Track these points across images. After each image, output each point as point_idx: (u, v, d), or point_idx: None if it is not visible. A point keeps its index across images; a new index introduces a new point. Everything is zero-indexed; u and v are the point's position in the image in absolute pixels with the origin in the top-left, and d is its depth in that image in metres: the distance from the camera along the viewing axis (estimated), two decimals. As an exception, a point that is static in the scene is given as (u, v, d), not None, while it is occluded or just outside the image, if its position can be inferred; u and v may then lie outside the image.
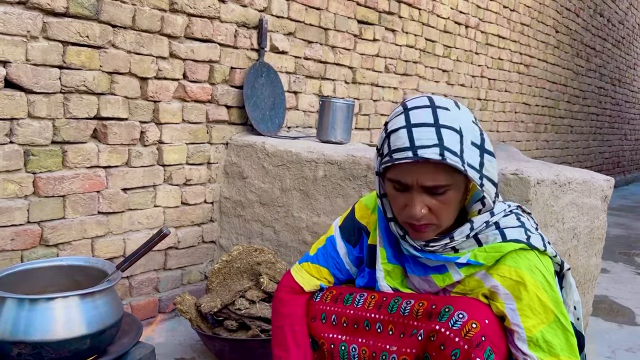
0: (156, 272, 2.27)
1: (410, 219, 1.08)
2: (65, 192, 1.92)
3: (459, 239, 1.10)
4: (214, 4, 2.29)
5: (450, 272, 1.13)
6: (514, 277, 1.08)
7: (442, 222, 1.09)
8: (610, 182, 2.17)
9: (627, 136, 8.70)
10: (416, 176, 1.04)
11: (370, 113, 3.32)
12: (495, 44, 4.46)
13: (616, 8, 7.19)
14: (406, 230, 1.13)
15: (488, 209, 1.12)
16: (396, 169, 1.06)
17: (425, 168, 1.02)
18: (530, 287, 1.06)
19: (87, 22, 1.90)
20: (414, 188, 1.05)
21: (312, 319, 1.22)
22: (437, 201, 1.06)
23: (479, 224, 1.11)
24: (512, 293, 1.07)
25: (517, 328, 1.06)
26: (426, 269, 1.16)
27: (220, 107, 2.40)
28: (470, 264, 1.10)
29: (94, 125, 1.98)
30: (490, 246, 1.10)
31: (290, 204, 2.27)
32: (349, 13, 3.00)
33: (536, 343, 1.05)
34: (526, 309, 1.06)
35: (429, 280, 1.16)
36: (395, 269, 1.22)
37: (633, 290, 3.24)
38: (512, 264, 1.09)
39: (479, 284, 1.12)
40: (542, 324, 1.06)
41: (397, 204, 1.10)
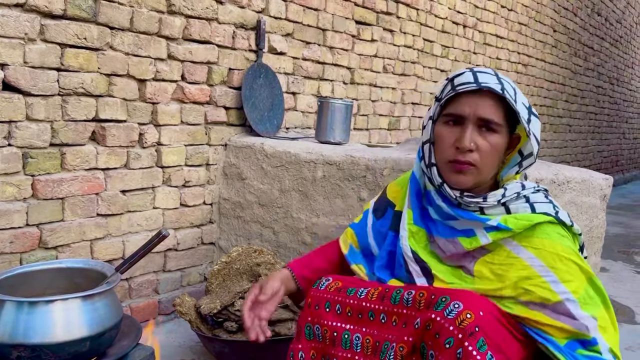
0: (155, 273, 2.27)
1: (458, 151, 1.14)
2: (64, 194, 1.92)
3: (491, 202, 1.15)
4: (211, 5, 2.30)
5: (478, 236, 1.16)
6: (548, 248, 1.12)
7: (482, 167, 1.15)
8: (609, 181, 2.17)
9: (626, 135, 8.71)
10: (475, 107, 1.13)
11: (369, 113, 3.32)
12: (493, 44, 4.47)
13: (613, 7, 7.20)
14: (444, 180, 1.18)
15: (530, 163, 1.19)
16: (456, 102, 1.15)
17: (484, 101, 1.12)
18: (564, 254, 1.11)
19: (85, 24, 1.90)
20: (470, 119, 1.13)
21: (316, 306, 1.23)
22: (485, 141, 1.13)
23: (512, 193, 1.17)
24: (548, 265, 1.11)
25: (566, 295, 1.10)
26: (453, 232, 1.19)
27: (218, 108, 2.40)
28: (500, 227, 1.14)
29: (92, 128, 1.98)
30: (521, 215, 1.15)
31: (289, 205, 2.27)
32: (347, 14, 3.00)
33: (584, 301, 1.09)
34: (566, 275, 1.10)
35: (455, 242, 1.19)
36: (419, 232, 1.25)
37: (632, 289, 3.25)
38: (544, 237, 1.13)
39: (508, 255, 1.15)
40: (583, 284, 1.11)
41: (447, 142, 1.16)
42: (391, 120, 3.50)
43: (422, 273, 1.24)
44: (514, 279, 1.13)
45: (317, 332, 1.21)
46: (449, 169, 1.17)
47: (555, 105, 5.85)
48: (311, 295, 1.25)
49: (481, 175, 1.17)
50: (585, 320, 1.08)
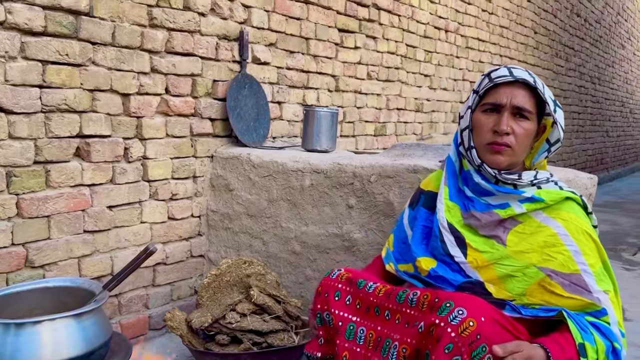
0: (145, 288, 2.25)
1: (497, 134, 1.28)
2: (50, 212, 1.90)
3: (525, 179, 1.29)
4: (193, 18, 2.29)
5: (513, 207, 1.28)
6: (574, 221, 1.25)
7: (517, 148, 1.29)
8: (593, 180, 2.19)
9: (609, 133, 8.82)
10: (510, 96, 1.28)
11: (355, 120, 3.33)
12: (476, 47, 4.51)
13: (592, 8, 7.31)
14: (482, 162, 1.30)
15: (557, 147, 1.33)
16: (493, 92, 1.30)
17: (519, 91, 1.29)
18: (588, 231, 1.25)
19: (67, 41, 1.89)
20: (506, 107, 1.28)
21: (326, 294, 1.32)
22: (519, 126, 1.28)
23: (542, 176, 1.31)
24: (572, 235, 1.23)
25: (583, 266, 1.20)
26: (489, 207, 1.31)
27: (204, 120, 2.39)
28: (534, 199, 1.26)
29: (76, 144, 1.97)
30: (552, 190, 1.29)
31: (278, 215, 2.27)
32: (330, 22, 3.02)
33: (599, 277, 1.20)
34: (586, 249, 1.22)
35: (491, 213, 1.30)
36: (455, 207, 1.36)
37: (621, 286, 3.25)
38: (570, 211, 1.27)
39: (538, 226, 1.26)
40: (599, 262, 1.23)
41: (485, 128, 1.30)
42: (377, 126, 3.51)
43: (457, 243, 1.33)
44: (541, 243, 1.25)
45: (327, 319, 1.30)
46: (487, 151, 1.31)
47: (539, 106, 5.90)
48: (322, 284, 1.34)
49: (515, 157, 1.30)
50: (598, 294, 1.19)
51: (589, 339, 1.14)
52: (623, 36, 8.98)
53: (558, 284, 1.21)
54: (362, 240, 2.07)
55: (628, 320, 2.72)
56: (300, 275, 2.22)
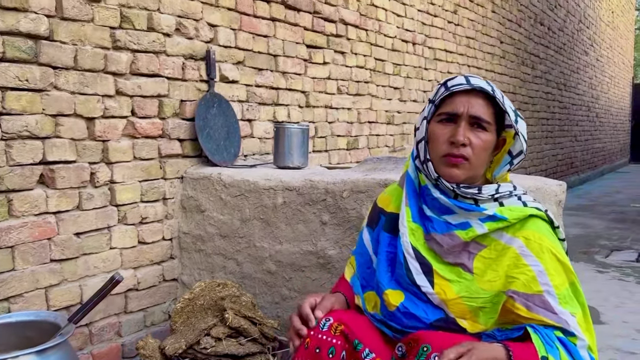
0: (117, 316, 2.19)
1: (453, 145, 1.20)
2: (14, 242, 1.84)
3: (486, 194, 1.22)
4: (158, 39, 2.27)
5: (474, 227, 1.21)
6: (537, 240, 1.17)
7: (474, 160, 1.21)
8: (562, 187, 2.22)
9: (577, 137, 9.01)
10: (467, 105, 1.21)
11: (327, 135, 3.33)
12: (444, 59, 4.57)
13: (555, 16, 7.50)
14: (439, 176, 1.23)
15: (521, 159, 1.26)
16: (449, 102, 1.24)
17: (476, 100, 1.22)
18: (553, 250, 1.17)
19: (26, 66, 1.85)
20: (463, 117, 1.21)
21: (317, 349, 1.21)
22: (477, 138, 1.21)
23: (505, 190, 1.24)
24: (535, 255, 1.16)
25: (547, 287, 1.14)
26: (449, 226, 1.23)
27: (172, 141, 2.36)
28: (496, 217, 1.19)
29: (40, 171, 1.91)
30: (514, 207, 1.21)
31: (251, 234, 2.24)
32: (297, 38, 3.02)
33: (564, 300, 1.13)
34: (551, 270, 1.15)
35: (452, 235, 1.22)
36: (418, 230, 1.28)
37: (595, 289, 3.32)
38: (535, 229, 1.19)
39: (503, 248, 1.19)
40: (565, 284, 1.15)
41: (441, 139, 1.23)
42: (349, 140, 3.52)
43: (422, 270, 1.25)
44: (505, 268, 1.18)
45: None
46: (443, 163, 1.23)
47: (508, 114, 6.00)
48: (312, 337, 1.23)
49: (472, 170, 1.23)
50: (564, 315, 1.12)
51: (554, 354, 1.09)
52: (586, 43, 9.22)
53: (521, 305, 1.15)
54: (337, 256, 2.05)
55: (603, 324, 2.75)
56: (276, 295, 2.19)
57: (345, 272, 1.47)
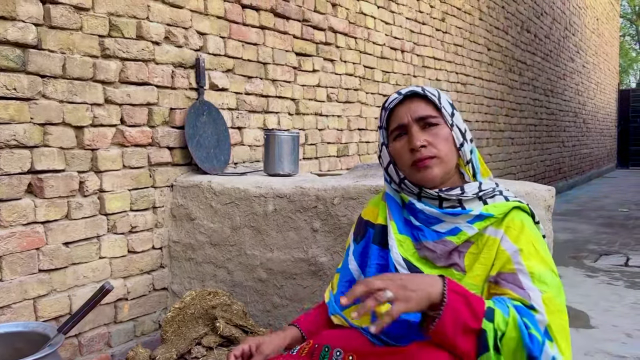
0: (107, 326, 2.17)
1: (414, 153, 1.21)
2: (1, 252, 1.82)
3: (469, 192, 1.22)
4: (147, 47, 2.26)
5: (464, 230, 1.22)
6: (517, 227, 1.19)
7: (442, 154, 1.22)
8: (551, 192, 2.24)
9: (565, 143, 9.10)
10: (408, 112, 1.24)
11: (317, 142, 3.33)
12: (432, 66, 4.60)
13: (541, 24, 7.59)
14: (420, 188, 1.23)
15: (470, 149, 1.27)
16: (393, 118, 1.26)
17: (414, 104, 1.24)
18: (530, 237, 1.18)
19: (14, 74, 1.84)
20: (410, 124, 1.23)
21: None
22: (432, 135, 1.22)
23: (487, 187, 1.25)
24: (513, 240, 1.18)
25: (520, 266, 1.14)
26: (440, 234, 1.24)
27: (162, 149, 2.35)
28: (483, 215, 1.21)
29: (28, 180, 1.90)
30: (499, 203, 1.23)
31: (242, 242, 2.23)
32: (286, 46, 3.03)
33: (538, 279, 1.12)
34: (526, 252, 1.16)
35: (444, 241, 1.23)
36: (406, 240, 1.28)
37: (585, 293, 3.34)
38: (516, 217, 1.21)
39: (487, 240, 1.20)
40: (542, 269, 1.14)
41: (402, 152, 1.24)
42: (339, 147, 3.53)
43: None
44: (489, 259, 1.19)
45: None
46: (415, 171, 1.24)
47: (497, 120, 6.05)
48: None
49: (445, 164, 1.23)
50: (530, 291, 1.11)
51: (503, 309, 1.07)
52: (572, 50, 9.34)
53: (492, 283, 1.16)
54: (329, 263, 2.05)
55: (593, 328, 2.77)
56: (268, 303, 2.18)
57: (325, 295, 1.43)
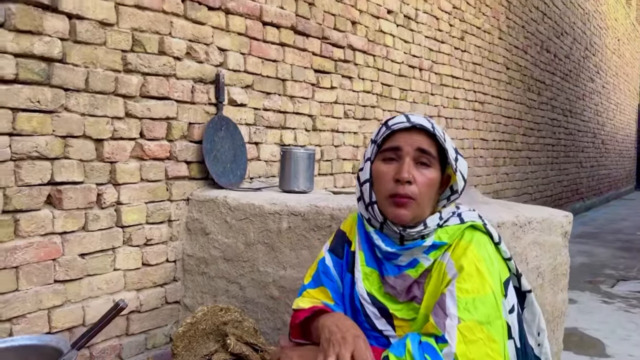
0: (118, 338, 2.18)
1: (399, 183, 1.18)
2: (19, 262, 1.84)
3: (432, 225, 1.20)
4: (169, 62, 2.30)
5: (421, 262, 1.21)
6: (462, 247, 1.18)
7: (421, 199, 1.19)
8: (569, 218, 2.22)
9: (583, 164, 9.00)
10: (411, 140, 1.20)
11: (333, 158, 3.34)
12: (450, 84, 4.60)
13: (561, 44, 7.55)
14: (386, 217, 1.21)
15: (456, 197, 1.25)
16: (392, 140, 1.22)
17: (419, 136, 1.20)
18: (472, 256, 1.16)
19: (38, 87, 1.87)
20: (407, 153, 1.19)
21: None
22: (421, 174, 1.19)
23: (447, 214, 1.23)
24: (455, 260, 1.16)
25: (451, 288, 1.13)
26: (400, 268, 1.23)
27: (179, 163, 2.37)
28: (436, 245, 1.20)
29: (47, 191, 1.92)
30: (450, 227, 1.22)
31: (255, 259, 2.23)
32: (305, 63, 3.05)
33: (465, 307, 1.11)
34: (465, 275, 1.14)
35: (403, 276, 1.22)
36: (372, 274, 1.26)
37: (601, 320, 3.28)
38: (465, 237, 1.20)
39: (442, 266, 1.19)
40: (477, 294, 1.12)
41: (386, 177, 1.20)
42: (355, 163, 3.53)
43: (381, 314, 1.25)
44: (439, 285, 1.17)
45: None
46: (389, 204, 1.20)
47: (514, 140, 6.02)
48: None
49: (419, 209, 1.20)
50: (448, 319, 1.10)
51: (398, 351, 1.08)
52: (592, 70, 9.27)
53: (431, 314, 1.14)
54: (341, 283, 2.04)
55: (609, 357, 2.71)
56: (279, 321, 2.17)
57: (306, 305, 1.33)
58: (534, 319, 1.32)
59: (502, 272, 1.22)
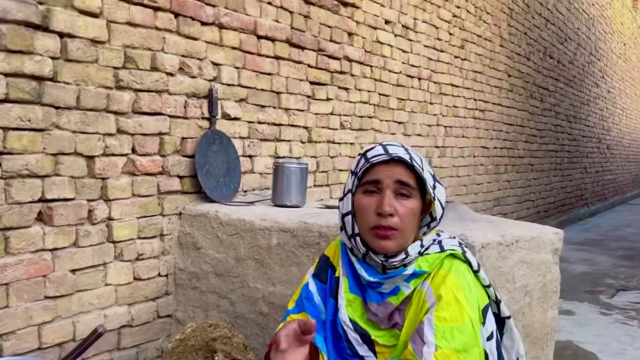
0: (109, 352, 2.20)
1: (380, 217, 1.20)
2: (8, 280, 1.86)
3: (413, 254, 1.22)
4: (161, 78, 2.31)
5: (402, 289, 1.24)
6: (441, 275, 1.20)
7: (404, 229, 1.22)
8: (559, 235, 2.21)
9: (587, 169, 8.95)
10: (390, 173, 1.22)
11: (328, 170, 3.35)
12: (449, 93, 4.59)
13: (565, 49, 7.52)
14: (368, 247, 1.23)
15: (435, 225, 1.28)
16: (372, 172, 1.24)
17: (398, 168, 1.22)
18: (450, 285, 1.18)
19: (29, 106, 1.89)
20: (387, 185, 1.21)
21: None
22: (402, 205, 1.21)
23: (428, 242, 1.26)
24: (434, 289, 1.19)
25: (430, 316, 1.15)
26: (382, 295, 1.25)
27: (172, 178, 2.39)
28: (417, 273, 1.22)
29: (38, 208, 1.95)
30: (431, 255, 1.24)
31: (245, 274, 2.25)
32: (301, 76, 3.06)
33: (442, 335, 1.13)
34: (444, 303, 1.16)
35: (385, 304, 1.24)
36: (356, 300, 1.29)
37: (597, 333, 3.27)
38: (445, 265, 1.22)
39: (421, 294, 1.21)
40: (455, 322, 1.14)
41: (368, 211, 1.22)
42: (351, 174, 3.53)
43: (363, 341, 1.27)
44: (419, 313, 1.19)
45: None
46: (372, 236, 1.23)
47: (516, 147, 6.00)
48: None
49: (403, 239, 1.23)
50: (427, 346, 1.12)
51: None
52: (597, 75, 9.22)
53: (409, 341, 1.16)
54: (329, 300, 2.05)
55: (602, 372, 2.71)
56: (268, 337, 2.18)
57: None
58: (512, 345, 1.34)
59: (481, 299, 1.24)
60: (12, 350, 1.88)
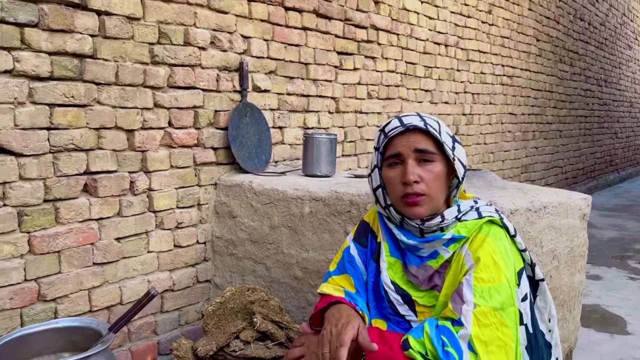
0: (154, 315, 2.33)
1: (406, 186, 1.26)
2: (60, 247, 1.99)
3: (450, 218, 1.28)
4: (194, 53, 2.38)
5: (441, 253, 1.29)
6: (479, 239, 1.26)
7: (432, 193, 1.27)
8: (587, 200, 2.24)
9: (618, 134, 8.78)
10: (408, 143, 1.27)
11: (356, 139, 3.39)
12: (477, 59, 4.55)
13: (596, 11, 7.30)
14: (403, 215, 1.29)
15: (458, 184, 1.32)
16: (391, 145, 1.30)
17: (415, 136, 1.27)
18: (488, 248, 1.23)
19: (72, 83, 1.98)
20: (408, 155, 1.27)
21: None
22: (426, 171, 1.26)
23: (465, 207, 1.30)
24: (473, 252, 1.24)
25: (468, 277, 1.21)
26: (422, 259, 1.32)
27: (207, 149, 2.47)
28: (455, 238, 1.27)
29: (84, 181, 2.05)
30: (469, 221, 1.29)
31: (279, 241, 2.34)
32: (328, 46, 3.09)
33: (481, 294, 1.19)
34: (482, 265, 1.21)
35: (425, 266, 1.31)
36: (396, 263, 1.36)
37: (625, 297, 3.30)
38: (483, 230, 1.27)
39: (460, 257, 1.27)
40: (493, 283, 1.20)
41: (394, 182, 1.29)
42: (379, 143, 3.57)
43: (403, 301, 1.35)
44: (458, 275, 1.25)
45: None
46: (403, 204, 1.29)
47: (544, 113, 5.92)
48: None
49: (433, 202, 1.29)
50: (465, 305, 1.18)
51: (416, 334, 1.18)
52: (629, 37, 8.94)
53: (449, 300, 1.23)
54: (361, 265, 2.13)
55: (630, 334, 2.75)
56: (302, 300, 2.29)
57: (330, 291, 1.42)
58: (545, 306, 1.40)
59: (517, 263, 1.30)
60: (66, 312, 2.01)
